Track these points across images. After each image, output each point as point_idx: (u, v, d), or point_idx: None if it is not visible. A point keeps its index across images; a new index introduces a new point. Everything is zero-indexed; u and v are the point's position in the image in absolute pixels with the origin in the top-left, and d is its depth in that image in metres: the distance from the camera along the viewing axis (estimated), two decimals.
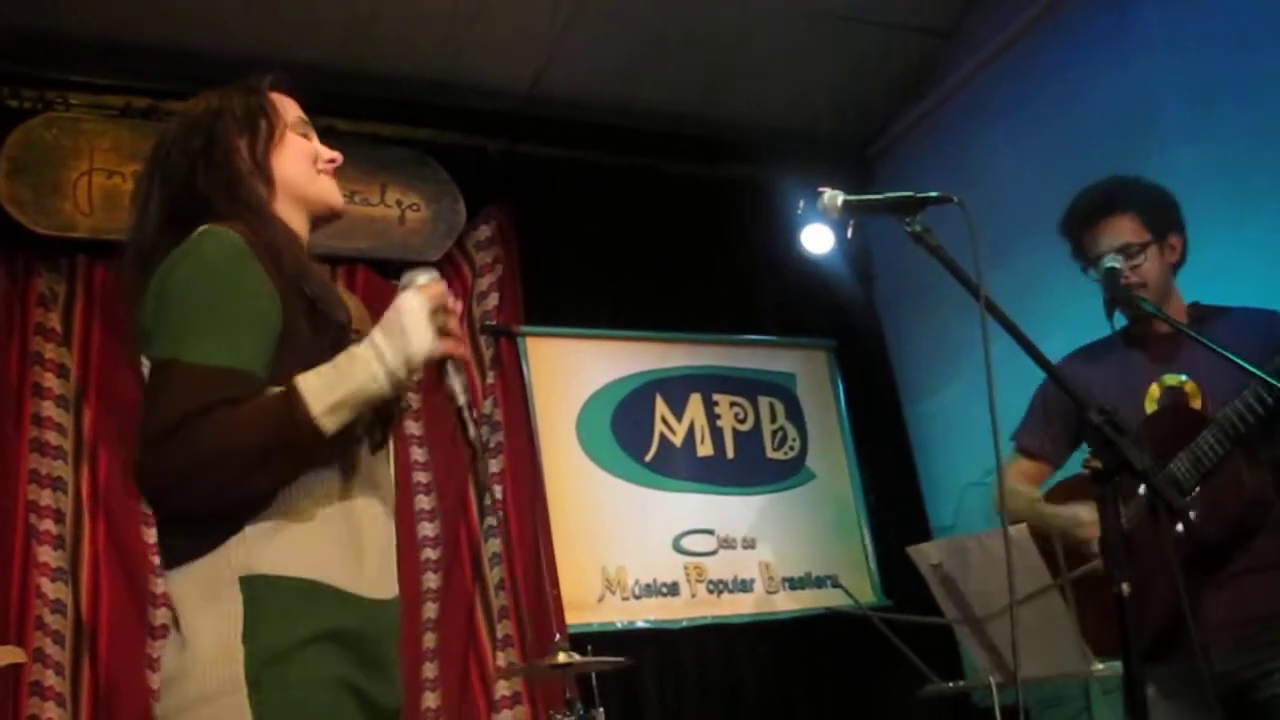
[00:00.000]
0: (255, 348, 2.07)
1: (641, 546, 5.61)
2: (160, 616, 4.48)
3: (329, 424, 2.02)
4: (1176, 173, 4.47)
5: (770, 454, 6.18)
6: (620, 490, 5.70)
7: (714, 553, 5.79)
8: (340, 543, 2.12)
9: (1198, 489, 3.37)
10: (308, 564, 2.06)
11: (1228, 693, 3.35)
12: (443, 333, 2.16)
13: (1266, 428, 3.36)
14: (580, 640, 4.70)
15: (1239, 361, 3.12)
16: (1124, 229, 3.61)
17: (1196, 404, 3.51)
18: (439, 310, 2.17)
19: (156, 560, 4.53)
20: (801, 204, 2.79)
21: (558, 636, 4.49)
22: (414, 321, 2.13)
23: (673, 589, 5.61)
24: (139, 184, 2.39)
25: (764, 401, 6.27)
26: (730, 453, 6.06)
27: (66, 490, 4.59)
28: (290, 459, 2.04)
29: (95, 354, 4.82)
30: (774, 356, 6.41)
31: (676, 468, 5.88)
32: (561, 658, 4.09)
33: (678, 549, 5.70)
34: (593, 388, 5.81)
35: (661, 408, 5.97)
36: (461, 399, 2.23)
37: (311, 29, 5.21)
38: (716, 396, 6.15)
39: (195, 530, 2.05)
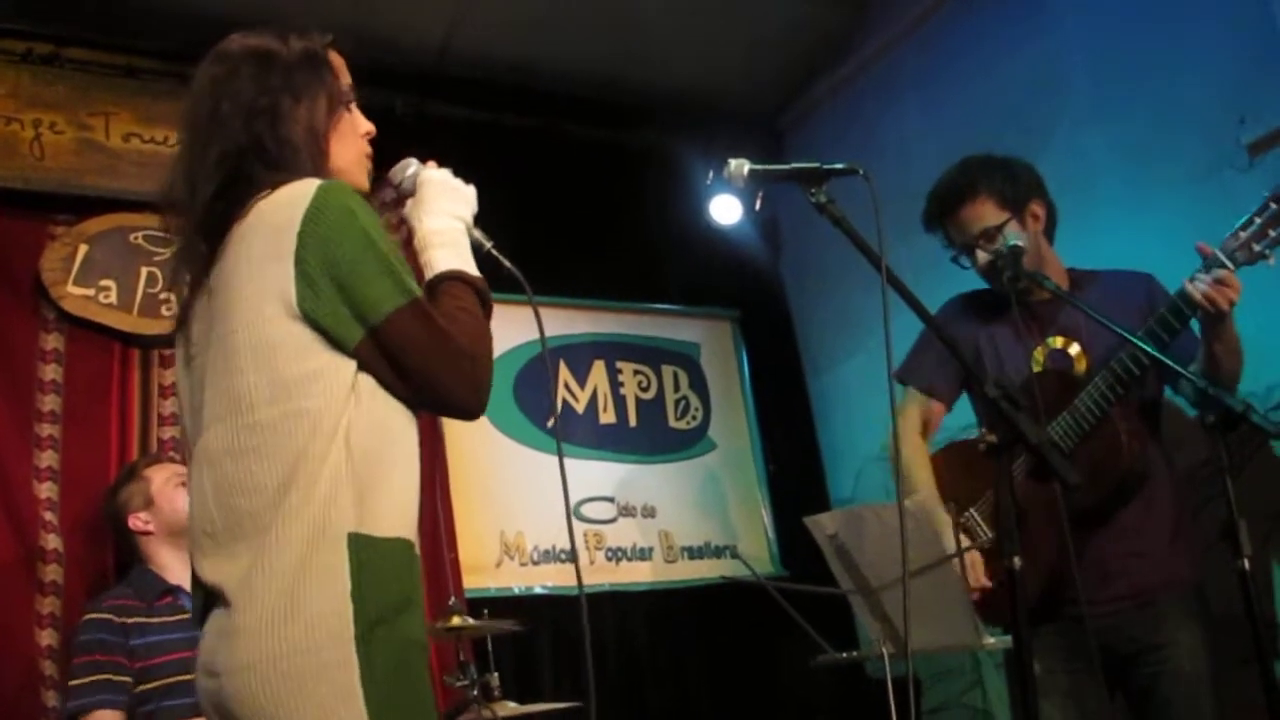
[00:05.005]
0: None
1: (541, 512, 5.57)
2: (50, 573, 4.37)
3: None
4: (1084, 149, 4.51)
5: (672, 423, 6.19)
6: (521, 455, 5.67)
7: (613, 520, 5.79)
8: (411, 496, 2.16)
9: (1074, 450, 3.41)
10: (401, 523, 2.10)
11: (1111, 666, 3.40)
12: None
13: (1142, 381, 3.40)
14: (477, 605, 4.67)
15: (1119, 330, 3.14)
16: (979, 214, 3.62)
17: (1082, 366, 3.56)
18: None
19: (48, 515, 4.42)
20: (711, 174, 2.79)
21: (452, 600, 4.45)
22: (456, 182, 2.51)
23: (571, 555, 5.58)
24: (189, 132, 2.31)
25: (667, 370, 6.27)
26: (632, 421, 6.06)
27: None
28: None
29: None
30: (678, 326, 6.41)
31: (578, 434, 5.86)
32: (455, 621, 4.06)
33: (577, 516, 5.68)
34: (495, 352, 5.70)
35: (564, 374, 5.94)
36: (488, 243, 2.55)
37: None
38: (620, 364, 6.14)
39: (293, 484, 2.01)
